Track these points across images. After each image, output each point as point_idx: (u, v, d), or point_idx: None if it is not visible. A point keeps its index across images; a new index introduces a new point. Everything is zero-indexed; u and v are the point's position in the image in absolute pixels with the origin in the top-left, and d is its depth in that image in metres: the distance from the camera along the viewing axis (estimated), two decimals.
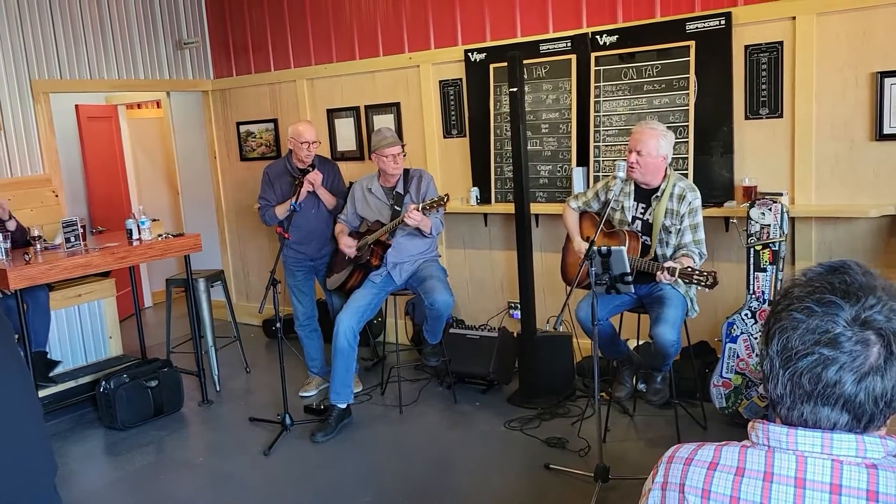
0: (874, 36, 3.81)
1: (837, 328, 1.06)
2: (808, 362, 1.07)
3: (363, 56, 5.63)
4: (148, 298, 7.70)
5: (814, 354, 1.07)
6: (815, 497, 1.05)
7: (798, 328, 1.09)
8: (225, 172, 6.66)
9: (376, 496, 3.54)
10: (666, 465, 1.20)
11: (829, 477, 1.06)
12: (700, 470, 1.14)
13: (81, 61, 5.62)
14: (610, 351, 3.97)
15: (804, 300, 1.10)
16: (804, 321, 1.08)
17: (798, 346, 1.08)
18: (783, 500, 1.06)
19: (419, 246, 4.46)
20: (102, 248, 4.46)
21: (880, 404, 1.07)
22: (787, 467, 1.08)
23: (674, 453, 1.21)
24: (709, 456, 1.15)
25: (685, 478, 1.15)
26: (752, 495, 1.08)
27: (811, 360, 1.07)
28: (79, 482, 3.90)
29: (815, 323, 1.07)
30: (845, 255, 4.05)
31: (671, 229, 3.67)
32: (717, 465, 1.13)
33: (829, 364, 1.06)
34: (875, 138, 3.87)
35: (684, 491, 1.14)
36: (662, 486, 1.18)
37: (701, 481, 1.13)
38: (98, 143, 7.06)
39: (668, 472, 1.19)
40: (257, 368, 5.53)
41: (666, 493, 1.17)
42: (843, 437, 1.08)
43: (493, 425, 4.21)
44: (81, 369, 4.87)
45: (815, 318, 1.08)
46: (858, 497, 1.03)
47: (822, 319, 1.07)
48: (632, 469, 3.50)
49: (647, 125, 3.68)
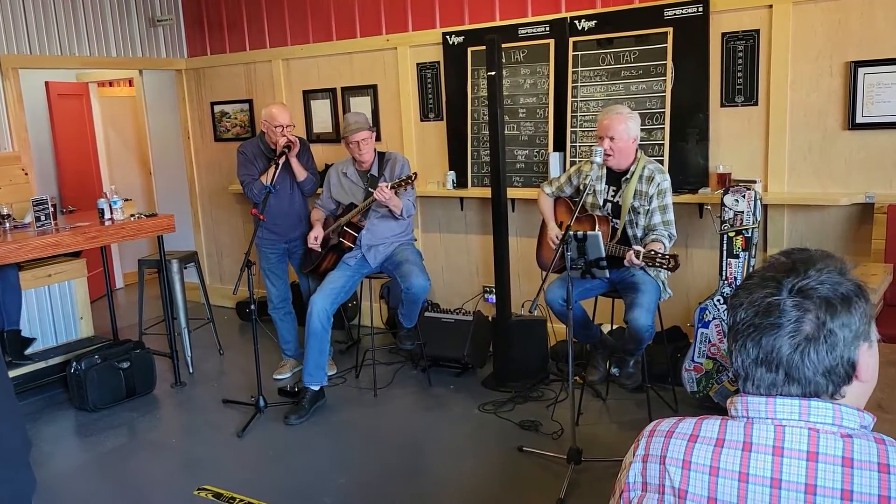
0: (849, 26, 3.85)
1: (775, 298, 1.13)
2: (750, 331, 1.14)
3: (340, 37, 5.58)
4: (120, 279, 7.62)
5: (754, 324, 1.14)
6: (792, 464, 1.07)
7: (744, 303, 1.16)
8: (199, 153, 6.58)
9: (350, 478, 3.55)
10: (647, 438, 1.22)
11: (806, 445, 1.08)
12: (681, 442, 1.16)
13: (52, 36, 5.50)
14: (583, 335, 4.01)
15: (753, 278, 1.18)
16: (749, 296, 1.16)
17: (742, 318, 1.15)
18: (762, 469, 1.09)
19: (393, 228, 4.44)
20: (73, 228, 4.39)
21: (820, 369, 1.11)
22: (765, 437, 1.11)
23: (655, 427, 1.23)
24: (689, 428, 1.18)
25: (666, 450, 1.17)
26: (732, 465, 1.11)
27: (752, 329, 1.14)
28: (49, 463, 3.86)
29: (757, 295, 1.15)
30: (816, 242, 4.11)
31: (640, 210, 3.71)
32: (697, 437, 1.16)
33: (766, 330, 1.12)
34: (847, 127, 3.92)
35: (665, 462, 1.16)
36: (643, 459, 1.20)
37: (682, 453, 1.15)
38: (69, 121, 6.93)
39: (649, 444, 1.21)
40: (231, 350, 5.50)
41: (647, 465, 1.19)
42: (819, 405, 1.11)
43: (467, 408, 4.23)
44: (52, 350, 4.81)
45: (757, 292, 1.15)
46: (834, 464, 1.06)
47: (763, 292, 1.14)
48: (604, 451, 3.55)
49: (614, 111, 3.73)
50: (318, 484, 3.50)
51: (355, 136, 4.30)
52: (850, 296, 1.13)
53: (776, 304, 1.12)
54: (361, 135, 4.30)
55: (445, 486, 3.45)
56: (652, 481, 1.18)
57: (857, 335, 1.12)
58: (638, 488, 1.19)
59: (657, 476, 1.17)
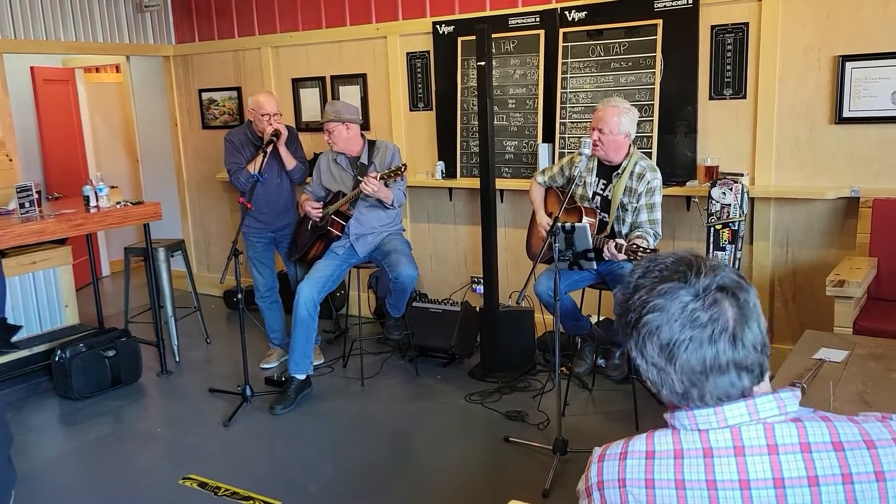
0: (837, 20, 3.86)
1: (690, 305, 1.09)
2: (687, 348, 1.09)
3: (330, 25, 5.54)
4: (106, 267, 7.57)
5: (687, 339, 1.09)
6: (755, 461, 1.07)
7: (661, 325, 1.10)
8: (186, 140, 6.54)
9: (336, 467, 3.55)
10: (598, 464, 1.18)
11: (765, 439, 1.08)
12: (638, 462, 1.13)
13: (37, 21, 5.43)
14: (572, 327, 4.01)
15: (649, 301, 1.12)
16: (661, 315, 1.10)
17: (671, 338, 1.10)
18: (727, 472, 1.08)
19: (381, 218, 4.44)
20: (58, 215, 4.36)
21: (759, 348, 1.11)
22: (723, 440, 1.10)
23: (604, 451, 1.19)
24: (642, 446, 1.14)
25: (624, 472, 1.13)
26: (696, 474, 1.09)
27: (688, 344, 1.09)
28: (34, 452, 3.84)
29: (672, 311, 1.10)
30: (802, 235, 4.14)
31: (628, 207, 3.69)
32: (654, 454, 1.12)
33: (703, 340, 1.09)
34: (835, 121, 3.94)
35: (626, 486, 1.13)
36: (599, 486, 1.16)
37: (642, 472, 1.12)
38: (54, 107, 6.86)
39: (600, 470, 1.16)
40: (217, 339, 5.48)
41: (605, 491, 1.15)
42: (763, 399, 1.11)
43: (454, 398, 4.24)
44: (36, 338, 4.77)
45: (667, 309, 1.10)
46: (794, 451, 1.07)
47: (673, 304, 1.10)
48: (589, 442, 3.56)
49: (611, 103, 3.68)
50: (304, 473, 3.50)
51: (327, 126, 4.34)
52: (739, 277, 1.14)
53: (694, 310, 1.09)
54: (331, 125, 4.32)
55: (431, 476, 3.46)
56: None
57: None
58: None
59: (618, 501, 1.13)
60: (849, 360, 2.71)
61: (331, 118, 4.33)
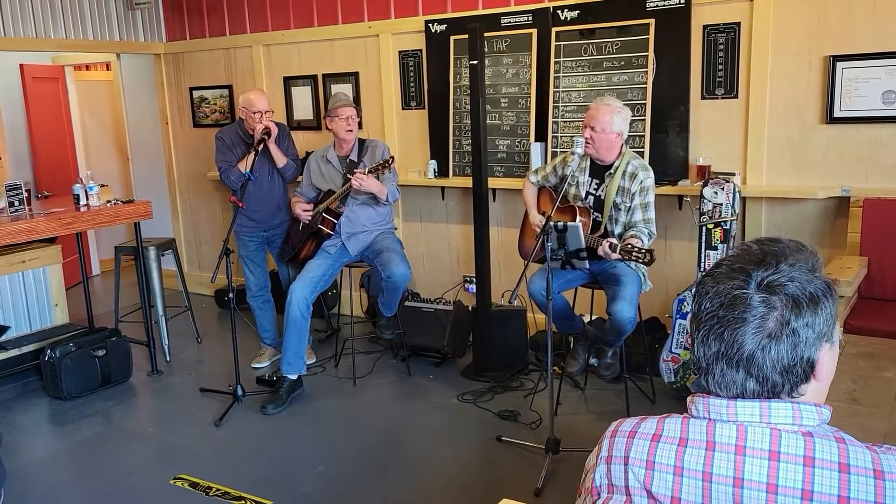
0: (829, 20, 3.87)
1: (742, 292, 1.10)
2: (713, 323, 1.11)
3: (322, 23, 5.52)
4: (96, 266, 7.53)
5: (718, 316, 1.11)
6: (754, 463, 1.07)
7: (710, 292, 1.13)
8: (177, 139, 6.51)
9: (328, 467, 3.54)
10: (609, 439, 1.21)
11: (769, 444, 1.08)
12: (644, 442, 1.15)
13: (26, 18, 5.40)
14: (565, 326, 4.01)
15: (720, 267, 1.15)
16: (714, 286, 1.13)
17: (707, 308, 1.13)
18: (725, 467, 1.08)
19: (373, 217, 4.43)
20: (48, 214, 4.33)
21: (778, 367, 1.09)
22: (728, 436, 1.10)
23: (616, 427, 1.21)
24: (652, 428, 1.16)
25: (629, 450, 1.16)
26: (695, 464, 1.10)
27: (715, 321, 1.11)
28: (23, 452, 3.81)
29: (723, 287, 1.12)
30: (793, 235, 4.13)
31: (621, 206, 3.70)
32: (660, 437, 1.14)
33: (730, 325, 1.10)
34: (826, 121, 3.95)
35: (629, 463, 1.15)
36: (607, 461, 1.19)
37: (645, 453, 1.14)
38: (44, 105, 6.82)
39: (612, 446, 1.19)
40: (209, 339, 5.46)
41: (611, 466, 1.18)
42: (780, 406, 1.10)
43: (446, 398, 4.23)
44: (26, 337, 4.73)
45: (723, 283, 1.12)
46: (796, 462, 1.06)
47: (730, 284, 1.11)
48: (582, 441, 3.56)
49: (603, 101, 3.69)
50: (296, 472, 3.49)
51: (345, 111, 4.29)
52: (817, 295, 1.10)
53: (743, 297, 1.09)
54: (351, 111, 4.30)
55: (424, 475, 3.46)
56: (618, 483, 1.16)
57: (820, 336, 1.11)
58: (604, 491, 1.18)
59: (622, 478, 1.16)
60: (839, 358, 2.71)
61: (353, 104, 4.33)
